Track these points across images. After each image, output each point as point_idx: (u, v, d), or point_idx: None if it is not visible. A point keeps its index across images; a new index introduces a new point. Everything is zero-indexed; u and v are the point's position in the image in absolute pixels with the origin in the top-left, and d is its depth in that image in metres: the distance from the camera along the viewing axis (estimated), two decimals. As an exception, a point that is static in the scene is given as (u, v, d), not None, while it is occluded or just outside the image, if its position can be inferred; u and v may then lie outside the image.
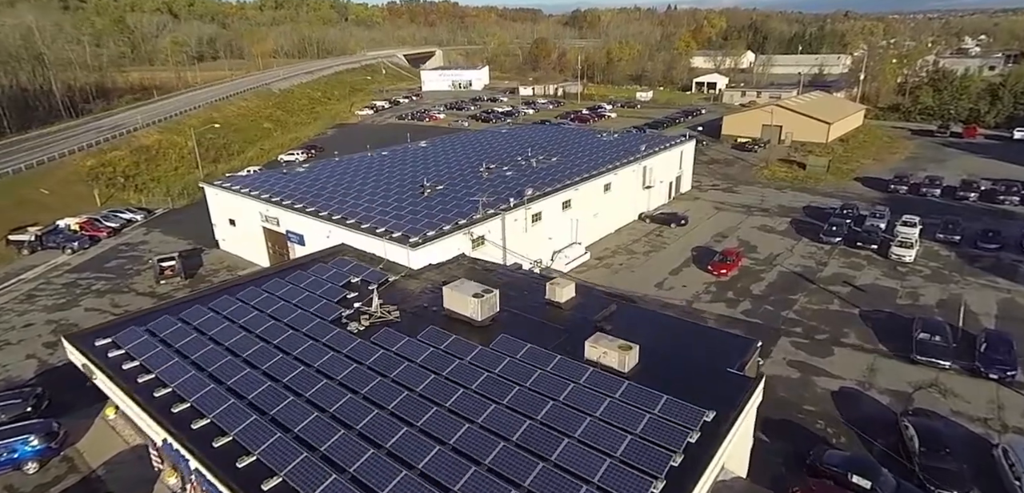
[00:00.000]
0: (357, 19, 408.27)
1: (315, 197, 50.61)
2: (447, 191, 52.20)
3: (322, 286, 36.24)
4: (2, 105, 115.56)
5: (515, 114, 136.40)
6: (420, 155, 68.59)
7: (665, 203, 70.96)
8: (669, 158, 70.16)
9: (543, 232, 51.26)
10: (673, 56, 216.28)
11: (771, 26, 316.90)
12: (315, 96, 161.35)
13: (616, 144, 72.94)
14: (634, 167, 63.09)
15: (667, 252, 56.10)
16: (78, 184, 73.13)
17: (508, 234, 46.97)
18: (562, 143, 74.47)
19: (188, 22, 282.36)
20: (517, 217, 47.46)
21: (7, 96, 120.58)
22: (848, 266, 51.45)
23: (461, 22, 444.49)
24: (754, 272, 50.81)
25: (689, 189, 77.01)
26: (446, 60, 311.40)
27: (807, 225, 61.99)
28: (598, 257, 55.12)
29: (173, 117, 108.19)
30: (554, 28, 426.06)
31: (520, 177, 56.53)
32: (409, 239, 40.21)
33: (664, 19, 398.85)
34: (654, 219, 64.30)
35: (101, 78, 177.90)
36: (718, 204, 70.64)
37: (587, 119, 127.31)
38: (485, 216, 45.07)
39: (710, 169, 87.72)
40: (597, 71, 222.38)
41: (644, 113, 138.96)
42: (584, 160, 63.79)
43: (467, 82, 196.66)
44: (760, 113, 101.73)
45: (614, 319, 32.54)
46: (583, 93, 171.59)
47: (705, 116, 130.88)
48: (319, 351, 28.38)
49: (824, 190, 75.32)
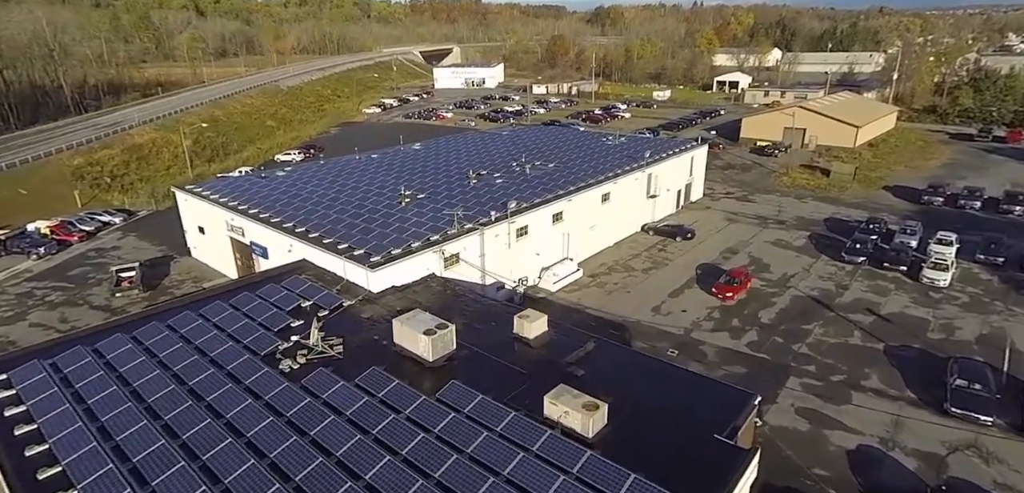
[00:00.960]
0: (379, 16, 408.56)
1: (285, 206, 46.88)
2: (427, 201, 48.00)
3: (266, 312, 32.31)
4: (9, 100, 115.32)
5: (524, 114, 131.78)
6: (409, 159, 64.55)
7: (672, 213, 65.75)
8: (678, 165, 64.92)
9: (530, 248, 46.73)
10: (694, 54, 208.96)
11: (800, 23, 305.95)
12: (325, 94, 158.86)
13: (621, 149, 67.93)
14: (637, 175, 58.10)
15: (669, 270, 51.04)
16: (61, 184, 70.86)
17: (489, 251, 42.57)
18: (563, 147, 69.72)
19: (213, 19, 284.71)
20: (499, 232, 43.01)
21: (14, 92, 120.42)
22: (872, 291, 45.82)
23: (482, 19, 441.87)
24: (764, 296, 45.54)
25: (700, 197, 71.57)
26: (463, 57, 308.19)
27: (827, 241, 56.29)
28: (592, 275, 50.36)
29: (173, 114, 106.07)
30: (576, 25, 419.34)
31: (510, 185, 52.06)
32: (370, 258, 36.09)
33: (689, 16, 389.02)
34: (658, 232, 59.23)
35: (118, 74, 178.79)
36: (730, 215, 65.14)
37: (599, 119, 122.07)
38: (461, 231, 40.73)
39: (725, 175, 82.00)
40: (615, 69, 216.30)
41: (660, 113, 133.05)
42: (584, 167, 59.04)
43: (481, 80, 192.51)
44: (781, 115, 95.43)
45: (589, 361, 27.97)
46: (598, 92, 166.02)
47: (724, 117, 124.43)
48: (235, 399, 24.36)
49: (849, 200, 69.20)
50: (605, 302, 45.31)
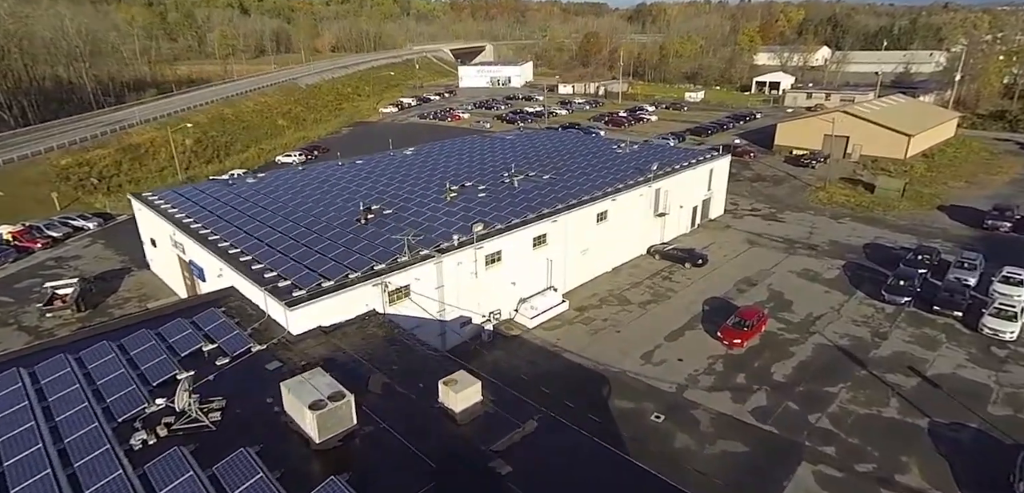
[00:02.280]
0: (418, 13, 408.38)
1: (233, 220, 41.95)
2: (394, 217, 42.23)
3: (155, 357, 27.05)
4: (28, 96, 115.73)
5: (544, 115, 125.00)
6: (393, 167, 59.00)
7: (686, 233, 58.18)
8: (693, 178, 57.29)
9: (504, 276, 40.35)
10: (734, 52, 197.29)
11: (855, 20, 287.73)
12: (345, 92, 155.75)
13: (630, 158, 60.71)
14: (642, 190, 50.91)
15: (670, 305, 43.79)
16: (44, 185, 68.45)
17: (452, 281, 36.44)
18: (566, 155, 62.94)
19: (256, 17, 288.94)
20: (462, 259, 36.82)
21: (38, 87, 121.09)
22: (918, 342, 37.59)
23: (521, 16, 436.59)
24: (781, 343, 37.91)
25: (720, 214, 63.59)
26: (496, 55, 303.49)
27: (866, 273, 47.87)
28: (579, 308, 43.59)
29: (180, 112, 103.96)
30: (616, 23, 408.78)
31: (491, 201, 45.79)
32: (292, 292, 30.44)
33: (735, 13, 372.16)
34: (665, 256, 51.85)
35: (151, 71, 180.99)
36: (753, 237, 57.08)
37: (622, 123, 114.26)
38: (413, 259, 34.73)
39: (752, 188, 73.50)
40: (648, 69, 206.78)
41: (690, 116, 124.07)
42: (583, 179, 52.25)
43: (506, 79, 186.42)
44: (821, 121, 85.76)
45: (525, 448, 21.61)
46: (628, 92, 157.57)
47: (759, 122, 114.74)
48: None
49: (896, 222, 60.06)
50: (588, 344, 38.54)
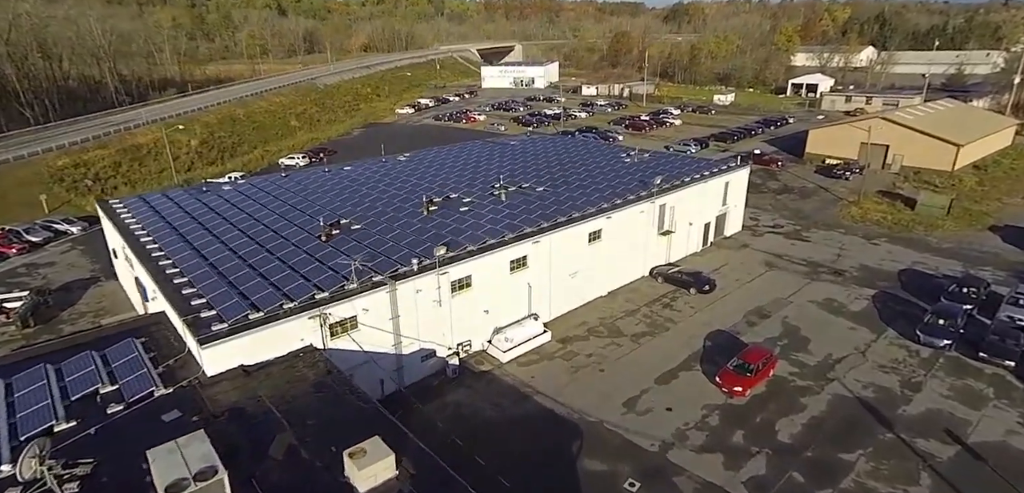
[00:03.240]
0: (452, 13, 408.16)
1: (189, 232, 38.80)
2: (362, 233, 38.35)
3: (35, 402, 23.63)
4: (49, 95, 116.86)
5: (563, 117, 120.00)
6: (379, 175, 55.24)
7: (696, 252, 52.78)
8: (705, 192, 51.81)
9: (476, 303, 36.01)
10: (770, 52, 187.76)
11: (905, 19, 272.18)
12: (364, 92, 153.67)
13: (637, 169, 55.55)
14: (643, 206, 45.83)
15: (668, 338, 38.70)
16: (37, 186, 67.27)
17: (407, 310, 32.30)
18: (568, 165, 58.22)
19: (293, 17, 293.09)
20: (422, 286, 32.63)
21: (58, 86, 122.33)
22: (959, 397, 31.69)
23: (554, 16, 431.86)
24: (791, 392, 32.50)
25: (738, 231, 57.84)
26: (524, 55, 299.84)
27: (900, 306, 41.77)
28: (563, 339, 38.90)
29: (193, 112, 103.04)
30: (650, 22, 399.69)
31: (471, 217, 41.50)
32: (211, 325, 26.74)
33: (776, 11, 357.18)
34: (668, 279, 46.62)
35: (180, 71, 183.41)
36: (772, 258, 51.25)
37: (643, 127, 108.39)
38: (362, 286, 30.71)
39: (777, 201, 67.23)
40: (679, 69, 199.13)
41: (717, 120, 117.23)
42: (580, 192, 47.46)
43: (529, 80, 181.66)
44: (857, 127, 78.39)
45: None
46: (654, 94, 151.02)
47: (791, 127, 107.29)
48: None
49: (939, 245, 53.33)
50: (566, 384, 33.87)
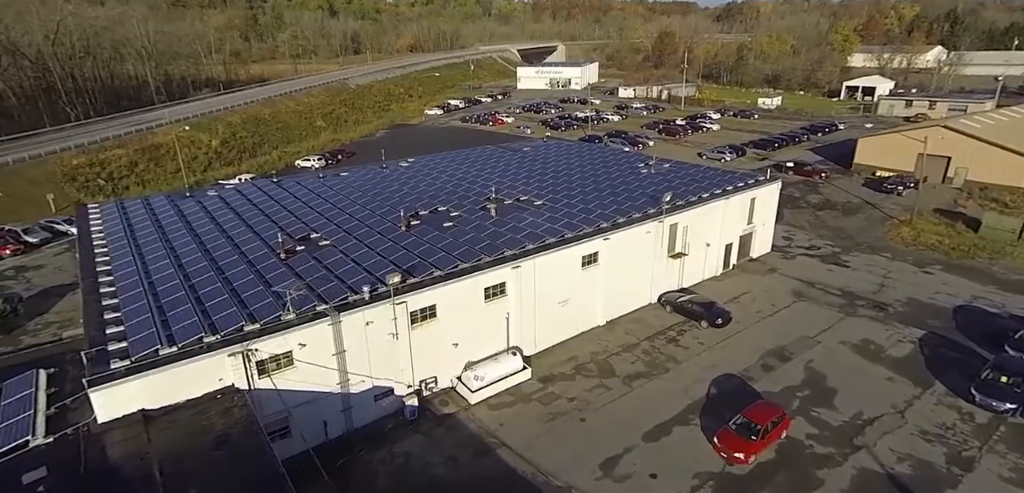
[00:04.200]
0: (499, 14, 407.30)
1: (146, 244, 36.32)
2: (327, 252, 34.91)
3: (-82, 444, 21.10)
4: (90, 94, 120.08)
5: (594, 120, 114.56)
6: (376, 181, 51.93)
7: (715, 276, 47.10)
8: (727, 209, 46.07)
9: (442, 336, 31.95)
10: (823, 53, 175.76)
11: (981, 16, 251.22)
12: (396, 92, 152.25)
13: (654, 181, 50.23)
14: (649, 226, 40.68)
15: (667, 382, 33.57)
16: (49, 185, 67.49)
17: (356, 344, 28.56)
18: (578, 174, 53.47)
19: (344, 18, 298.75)
20: (373, 318, 28.81)
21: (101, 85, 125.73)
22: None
23: (602, 16, 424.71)
24: (806, 461, 26.97)
25: (766, 252, 51.66)
26: (567, 55, 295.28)
27: (953, 353, 35.25)
28: (545, 377, 34.32)
29: (220, 112, 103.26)
30: (700, 22, 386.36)
31: (450, 235, 37.50)
32: (111, 360, 23.62)
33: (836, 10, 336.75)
34: (677, 308, 41.27)
35: (225, 71, 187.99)
36: (803, 286, 45.04)
37: (677, 132, 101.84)
38: (300, 318, 27.12)
39: (816, 218, 60.33)
40: (725, 71, 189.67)
41: (759, 125, 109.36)
42: (581, 207, 42.74)
43: (566, 80, 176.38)
44: (912, 136, 70.00)
45: None
46: (694, 97, 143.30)
47: (841, 133, 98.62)
48: None
49: (1007, 276, 45.81)
50: (538, 435, 29.35)
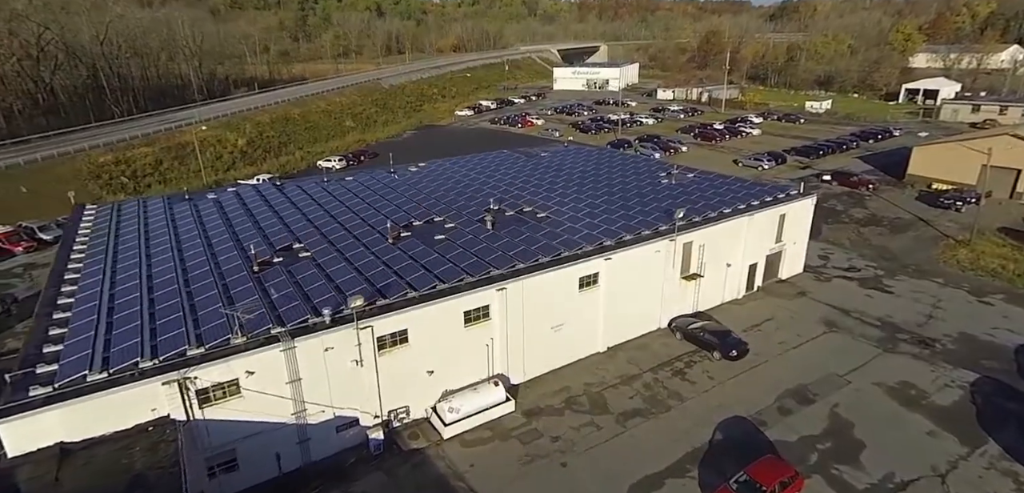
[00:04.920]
0: (544, 14, 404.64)
1: (124, 252, 35.13)
2: (302, 267, 32.74)
3: None
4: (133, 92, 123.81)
5: (621, 124, 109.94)
6: (379, 187, 49.69)
7: (737, 298, 42.77)
8: (749, 227, 41.65)
9: (415, 363, 29.24)
10: (882, 53, 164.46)
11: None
12: (430, 92, 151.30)
13: (674, 193, 46.19)
14: (660, 244, 36.88)
15: (666, 422, 29.83)
16: (75, 182, 68.66)
17: (314, 372, 26.18)
18: (590, 184, 49.91)
19: (390, 18, 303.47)
20: (333, 343, 26.35)
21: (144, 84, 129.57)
22: (1088, 582, 20.74)
23: (650, 15, 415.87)
24: (817, 540, 22.93)
25: (797, 274, 46.77)
26: (609, 56, 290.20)
27: (1011, 403, 30.19)
28: (530, 411, 31.12)
29: (249, 111, 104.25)
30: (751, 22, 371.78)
31: (439, 248, 34.81)
32: (29, 387, 21.81)
33: (902, 8, 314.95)
34: (688, 336, 37.29)
35: (269, 70, 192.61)
36: (836, 313, 40.19)
37: (714, 137, 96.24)
38: (249, 343, 24.91)
39: (860, 235, 54.74)
40: (773, 72, 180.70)
41: (805, 131, 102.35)
42: (587, 222, 39.35)
43: (603, 81, 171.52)
44: (974, 145, 62.95)
45: None
46: (737, 100, 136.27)
47: (896, 140, 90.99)
48: None
49: (1079, 311, 39.74)
50: (512, 481, 26.23)
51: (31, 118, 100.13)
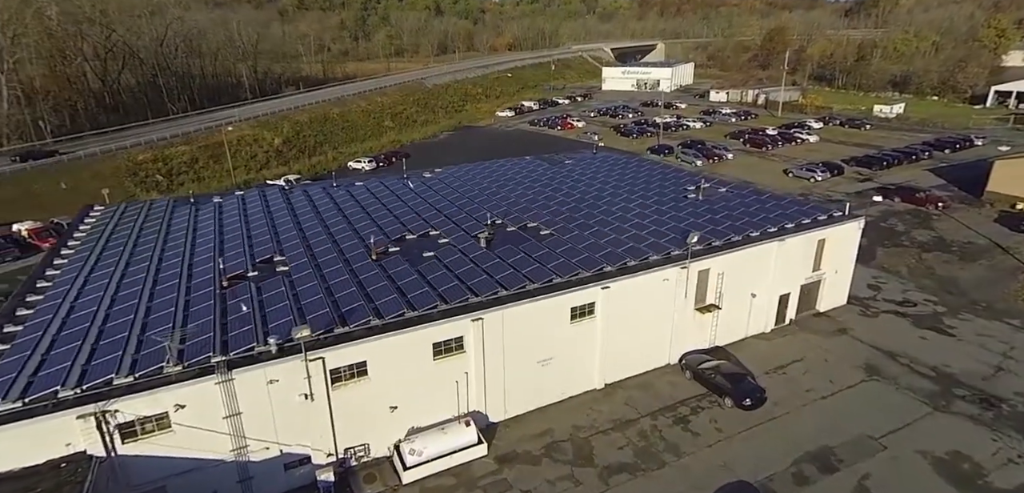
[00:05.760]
0: (603, 12, 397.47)
1: (105, 260, 34.41)
2: (272, 284, 30.81)
3: None
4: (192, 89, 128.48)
5: (660, 129, 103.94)
6: (384, 195, 47.53)
7: (764, 332, 37.86)
8: (782, 252, 36.64)
9: (375, 397, 26.62)
10: (969, 51, 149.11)
11: None
12: (474, 93, 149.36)
13: (696, 210, 41.63)
14: (668, 272, 32.71)
15: (655, 483, 25.85)
16: (112, 180, 70.61)
17: (257, 406, 24.01)
18: (608, 198, 45.90)
19: (448, 17, 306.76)
20: (277, 375, 24.07)
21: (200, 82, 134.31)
22: None
23: (714, 11, 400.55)
24: None
25: (840, 304, 41.13)
26: (666, 54, 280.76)
27: (1090, 497, 24.37)
28: (504, 456, 27.83)
29: (289, 110, 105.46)
30: (827, 18, 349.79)
31: (422, 269, 32.12)
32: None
33: (1000, 1, 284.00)
34: (698, 376, 32.91)
35: (324, 68, 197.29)
36: (880, 357, 34.64)
37: (764, 143, 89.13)
38: (181, 375, 22.94)
39: (921, 262, 48.03)
40: (841, 72, 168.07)
41: (870, 137, 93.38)
42: (592, 241, 35.72)
43: (654, 82, 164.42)
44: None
45: None
46: (797, 102, 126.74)
47: (977, 150, 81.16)
48: None
49: None
50: (465, 544, 23.16)
51: (94, 116, 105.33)
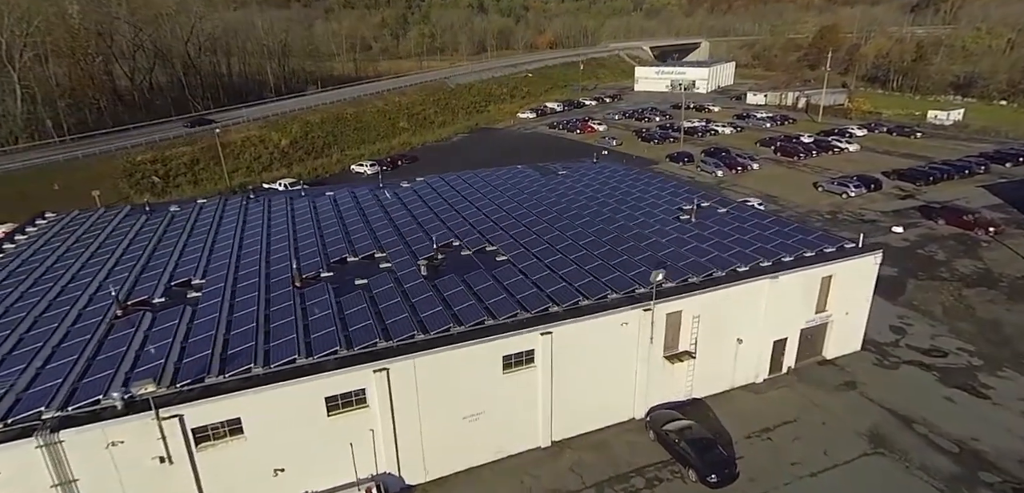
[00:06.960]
0: (650, 8, 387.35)
1: (19, 277, 31.98)
2: (172, 315, 27.43)
3: None
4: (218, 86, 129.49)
5: (699, 132, 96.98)
6: (346, 207, 43.86)
7: (754, 382, 32.16)
8: (774, 291, 30.83)
9: (254, 460, 22.77)
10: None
11: None
12: (498, 93, 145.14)
13: (683, 236, 36.15)
14: (628, 315, 27.60)
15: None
16: (106, 181, 69.97)
17: (94, 471, 20.52)
18: (588, 217, 40.87)
19: (492, 15, 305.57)
20: (121, 436, 20.50)
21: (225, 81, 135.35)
22: None
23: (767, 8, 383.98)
24: None
25: (852, 351, 34.84)
26: (711, 52, 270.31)
27: None
28: (405, 537, 23.57)
29: (302, 110, 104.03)
30: (890, 14, 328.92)
31: (328, 306, 28.17)
32: None
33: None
34: (661, 440, 27.67)
35: (355, 67, 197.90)
36: (890, 424, 28.48)
37: (796, 152, 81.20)
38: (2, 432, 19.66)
39: (959, 301, 40.83)
40: (896, 73, 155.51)
41: (919, 147, 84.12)
42: (545, 273, 31.00)
43: (690, 82, 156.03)
44: None
45: None
46: (842, 106, 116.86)
47: (1043, 165, 71.29)
48: None
49: None
50: None
51: (116, 113, 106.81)
